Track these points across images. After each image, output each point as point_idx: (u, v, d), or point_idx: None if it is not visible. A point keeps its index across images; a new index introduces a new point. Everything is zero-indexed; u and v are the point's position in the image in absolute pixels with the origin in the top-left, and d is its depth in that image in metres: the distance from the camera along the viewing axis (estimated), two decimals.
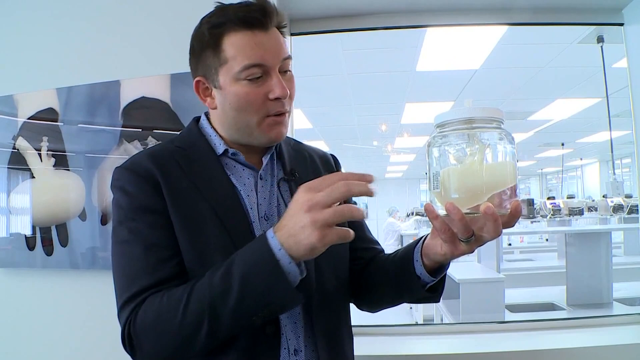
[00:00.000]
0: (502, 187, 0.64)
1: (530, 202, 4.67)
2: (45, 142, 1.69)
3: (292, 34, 1.86)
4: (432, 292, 0.83)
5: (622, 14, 1.82)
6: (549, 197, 5.68)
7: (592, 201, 5.67)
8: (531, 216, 4.73)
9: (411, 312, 5.73)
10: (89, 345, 1.65)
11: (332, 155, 1.06)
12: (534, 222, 5.51)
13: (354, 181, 0.63)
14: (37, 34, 1.74)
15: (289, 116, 0.86)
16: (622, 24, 1.83)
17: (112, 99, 1.64)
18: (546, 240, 8.21)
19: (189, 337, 0.70)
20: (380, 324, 1.80)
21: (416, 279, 0.81)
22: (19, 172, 1.72)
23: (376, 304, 0.96)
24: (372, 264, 0.95)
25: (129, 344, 0.74)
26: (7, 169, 1.73)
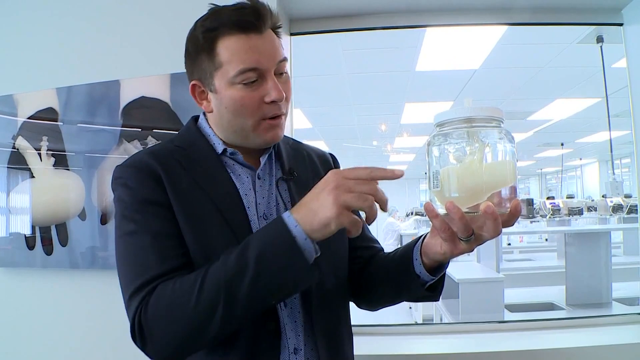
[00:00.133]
0: (502, 186, 0.64)
1: (529, 202, 4.67)
2: (45, 142, 1.69)
3: (292, 34, 1.86)
4: (431, 291, 0.83)
5: (621, 14, 1.82)
6: (549, 197, 5.68)
7: (592, 201, 5.66)
8: (531, 216, 4.73)
9: (411, 311, 5.73)
10: (89, 344, 1.66)
11: (331, 154, 1.06)
12: (534, 222, 5.51)
13: (381, 169, 0.67)
14: (37, 34, 1.74)
15: (286, 118, 0.87)
16: (621, 24, 1.83)
17: (111, 99, 1.64)
18: (545, 240, 8.22)
19: (204, 322, 0.69)
20: (379, 324, 1.80)
21: (416, 278, 0.81)
22: (19, 172, 1.72)
23: (376, 302, 0.96)
24: (371, 262, 0.95)
25: (140, 334, 0.71)
26: (7, 168, 1.74)
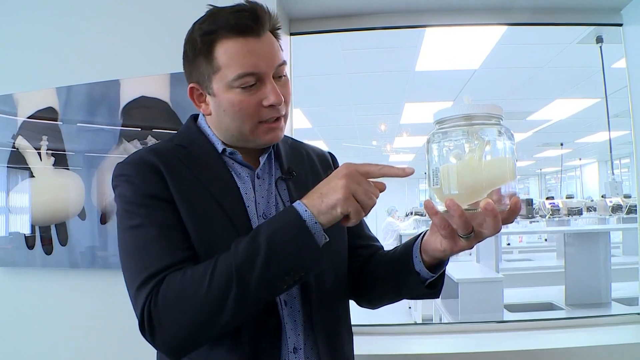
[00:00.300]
0: (502, 183, 0.64)
1: (529, 202, 4.67)
2: (44, 142, 1.69)
3: (292, 34, 1.86)
4: (431, 288, 0.83)
5: (621, 15, 1.82)
6: (548, 197, 5.69)
7: (591, 201, 5.67)
8: (530, 216, 4.73)
9: (410, 311, 5.73)
10: (89, 344, 1.66)
11: (330, 153, 1.06)
12: (533, 222, 5.52)
13: (391, 167, 0.71)
14: (37, 34, 1.74)
15: (286, 120, 0.86)
16: (621, 25, 1.83)
17: (111, 99, 1.64)
18: (545, 240, 8.21)
19: (215, 310, 0.68)
20: (379, 324, 1.80)
21: (415, 275, 0.81)
22: (19, 171, 1.72)
23: (376, 300, 0.96)
24: (371, 260, 0.95)
25: (149, 324, 0.71)
26: (7, 168, 1.73)
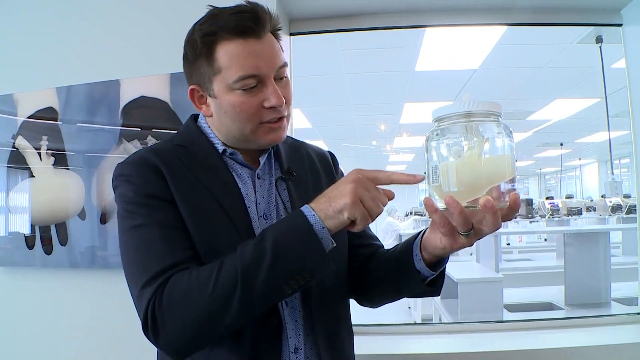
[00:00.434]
0: (501, 180, 0.64)
1: (529, 202, 4.67)
2: (44, 141, 1.69)
3: (292, 34, 1.86)
4: (431, 286, 0.83)
5: (620, 15, 1.82)
6: (548, 197, 5.67)
7: (591, 201, 5.66)
8: (530, 216, 4.72)
9: (410, 311, 5.73)
10: (88, 344, 1.66)
11: (330, 152, 1.06)
12: (533, 222, 5.50)
13: (401, 173, 0.70)
14: (37, 34, 1.74)
15: (288, 120, 0.86)
16: (620, 25, 1.83)
17: (111, 99, 1.64)
18: (544, 240, 8.21)
19: (220, 310, 0.68)
20: (378, 323, 1.80)
21: (416, 273, 0.81)
22: (19, 171, 1.72)
23: (376, 299, 0.96)
24: (371, 259, 0.95)
25: (153, 324, 0.70)
26: (7, 167, 1.73)
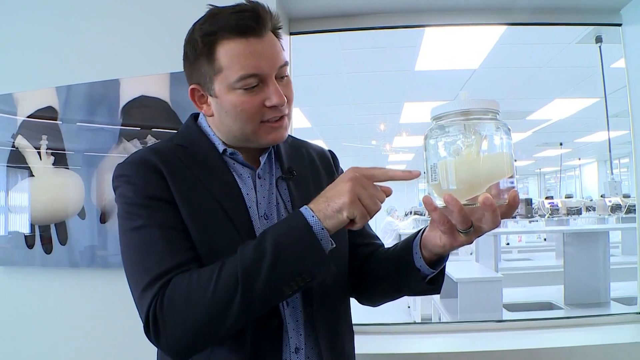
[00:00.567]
0: (500, 177, 0.65)
1: (528, 202, 4.68)
2: (44, 141, 1.69)
3: (291, 34, 1.86)
4: (432, 284, 0.83)
5: (620, 15, 1.82)
6: (547, 197, 5.67)
7: (590, 201, 5.67)
8: (529, 216, 4.73)
9: (409, 310, 5.73)
10: (88, 343, 1.66)
11: (330, 151, 1.06)
12: (532, 221, 5.50)
13: (397, 170, 0.70)
14: (37, 33, 1.74)
15: (289, 119, 0.86)
16: (620, 25, 1.84)
17: (111, 98, 1.64)
18: (544, 239, 8.21)
19: (221, 312, 0.69)
20: (378, 323, 1.80)
21: (416, 272, 0.81)
22: (18, 171, 1.72)
23: (377, 298, 0.96)
24: (372, 258, 0.95)
25: (154, 326, 0.71)
26: (7, 167, 1.73)
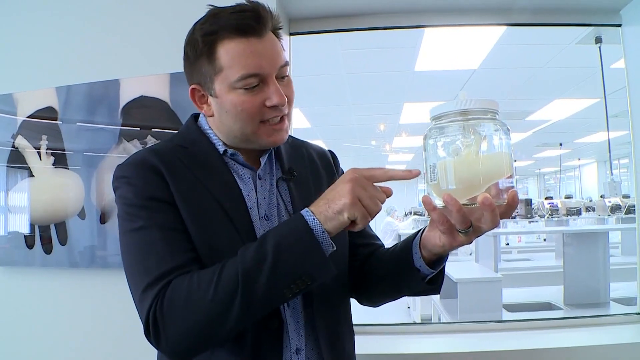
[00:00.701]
0: (499, 177, 0.65)
1: (528, 202, 4.67)
2: (44, 141, 1.69)
3: (291, 34, 1.86)
4: (431, 284, 0.83)
5: (619, 15, 1.83)
6: (547, 197, 5.68)
7: (590, 201, 5.67)
8: (529, 216, 4.73)
9: (409, 311, 5.73)
10: (88, 343, 1.66)
11: (330, 151, 1.06)
12: (532, 222, 5.50)
13: (397, 170, 0.70)
14: (37, 34, 1.74)
15: (289, 119, 0.86)
16: (619, 25, 1.84)
17: (111, 98, 1.64)
18: (544, 240, 8.21)
19: (221, 315, 0.68)
20: (377, 323, 1.80)
21: (416, 272, 0.81)
22: (18, 171, 1.72)
23: (377, 298, 0.96)
24: (372, 258, 0.95)
25: (154, 328, 0.71)
26: (6, 167, 1.73)
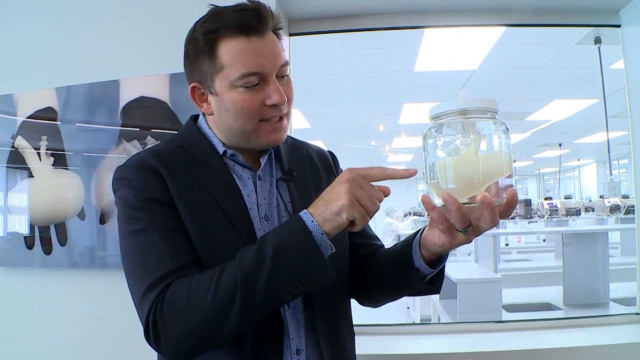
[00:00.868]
0: (498, 176, 0.65)
1: (527, 203, 4.68)
2: (44, 141, 1.69)
3: (291, 34, 1.86)
4: (431, 284, 0.83)
5: (619, 16, 1.83)
6: (546, 198, 5.69)
7: (589, 201, 5.68)
8: (528, 216, 4.73)
9: (408, 311, 5.73)
10: (88, 344, 1.65)
11: (330, 152, 1.06)
12: (531, 222, 5.51)
13: (394, 169, 0.70)
14: (37, 34, 1.74)
15: (288, 119, 0.86)
16: (619, 26, 1.84)
17: (111, 99, 1.64)
18: (543, 240, 8.22)
19: (220, 317, 0.68)
20: (377, 324, 1.80)
21: (416, 272, 0.81)
22: (18, 171, 1.72)
23: (377, 298, 0.96)
24: (372, 258, 0.95)
25: (154, 331, 0.71)
26: (6, 167, 1.73)
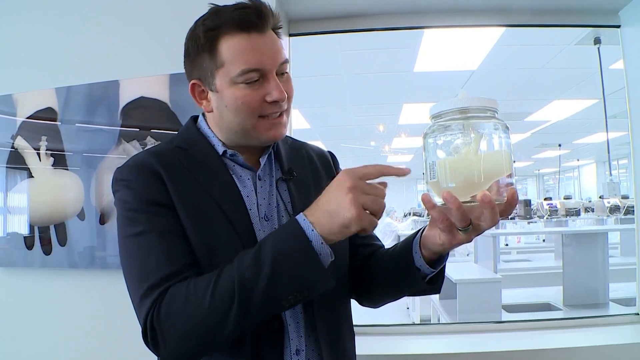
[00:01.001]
0: (498, 175, 0.65)
1: (527, 203, 4.69)
2: (44, 142, 1.69)
3: (291, 35, 1.86)
4: (431, 284, 0.83)
5: (618, 16, 1.83)
6: (546, 198, 5.70)
7: (589, 202, 5.68)
8: (528, 217, 4.74)
9: (408, 312, 5.73)
10: (88, 344, 1.65)
11: (330, 152, 1.06)
12: (531, 222, 5.52)
13: (390, 166, 0.70)
14: (37, 34, 1.74)
15: (288, 115, 0.86)
16: (618, 26, 1.84)
17: (111, 99, 1.64)
18: (543, 240, 8.22)
19: (218, 322, 0.68)
20: (377, 324, 1.80)
21: (416, 271, 0.81)
22: (18, 172, 1.72)
23: (377, 298, 0.96)
24: (372, 259, 0.95)
25: (152, 335, 0.70)
26: (6, 168, 1.73)
